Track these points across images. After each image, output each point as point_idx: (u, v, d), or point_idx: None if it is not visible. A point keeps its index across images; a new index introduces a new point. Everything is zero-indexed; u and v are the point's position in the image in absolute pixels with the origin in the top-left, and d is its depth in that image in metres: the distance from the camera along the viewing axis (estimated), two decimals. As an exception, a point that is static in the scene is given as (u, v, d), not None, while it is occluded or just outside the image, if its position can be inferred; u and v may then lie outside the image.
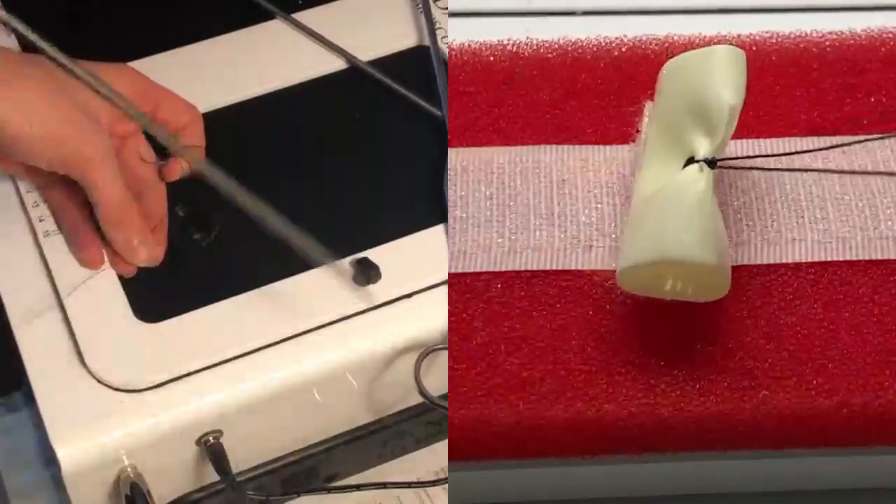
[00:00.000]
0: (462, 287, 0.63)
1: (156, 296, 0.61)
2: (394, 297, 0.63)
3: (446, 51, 0.72)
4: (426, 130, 0.70)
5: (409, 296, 0.63)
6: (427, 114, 0.70)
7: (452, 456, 0.61)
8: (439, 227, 0.65)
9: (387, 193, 0.67)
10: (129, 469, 0.60)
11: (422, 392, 0.61)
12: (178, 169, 0.64)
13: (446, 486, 0.68)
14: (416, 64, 0.72)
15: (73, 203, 0.64)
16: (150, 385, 0.60)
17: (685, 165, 0.60)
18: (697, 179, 0.59)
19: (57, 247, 0.65)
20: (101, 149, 0.60)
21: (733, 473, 0.64)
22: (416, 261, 0.64)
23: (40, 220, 0.66)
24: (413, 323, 0.63)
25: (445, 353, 0.62)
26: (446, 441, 0.65)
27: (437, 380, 0.63)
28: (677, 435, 0.61)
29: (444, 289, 0.64)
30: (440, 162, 0.66)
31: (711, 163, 0.59)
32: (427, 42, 0.73)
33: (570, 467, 0.63)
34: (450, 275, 0.63)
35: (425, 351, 0.61)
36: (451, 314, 0.62)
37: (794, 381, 0.61)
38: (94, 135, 0.60)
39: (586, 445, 0.61)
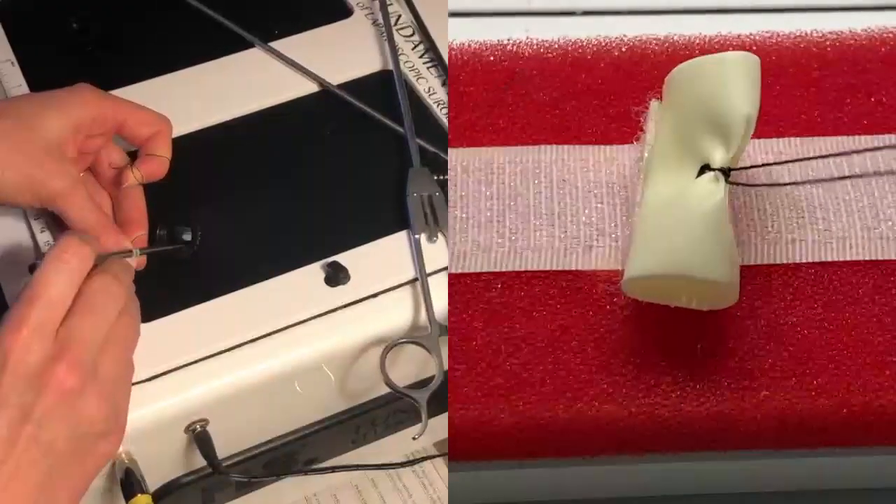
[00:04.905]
0: (462, 287, 0.63)
1: (145, 298, 0.62)
2: (361, 296, 0.66)
3: (408, 73, 0.77)
4: (390, 146, 0.73)
5: (374, 295, 0.66)
6: (391, 131, 0.74)
7: (452, 456, 0.61)
8: (402, 233, 0.68)
9: (354, 203, 0.71)
10: (123, 455, 0.63)
11: (388, 382, 0.64)
12: (129, 177, 0.66)
13: (414, 467, 0.76)
14: (381, 86, 0.77)
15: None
16: (142, 379, 0.62)
17: (699, 174, 0.60)
18: (714, 191, 0.58)
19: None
20: (68, 180, 0.63)
21: (733, 473, 0.64)
22: (381, 264, 0.67)
23: (35, 218, 0.68)
24: (379, 320, 0.66)
25: (409, 347, 0.65)
26: (414, 426, 0.67)
27: (402, 370, 0.66)
28: (677, 435, 0.61)
29: (408, 288, 0.66)
30: (403, 175, 0.71)
31: (726, 172, 0.59)
32: (391, 66, 0.77)
33: (570, 467, 0.63)
34: (450, 275, 0.63)
35: (390, 345, 0.64)
36: (451, 314, 0.63)
37: (794, 382, 0.61)
38: (60, 168, 0.63)
39: (586, 445, 0.61)
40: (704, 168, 0.60)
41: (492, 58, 0.70)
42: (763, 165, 0.62)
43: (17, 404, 0.52)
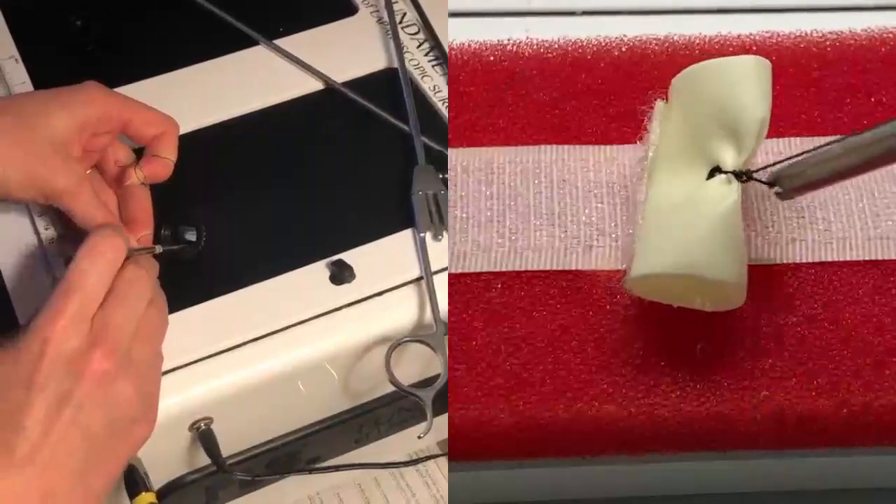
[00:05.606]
0: (462, 287, 0.63)
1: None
2: (366, 295, 0.66)
3: (413, 71, 0.77)
4: (395, 144, 0.74)
5: (380, 294, 0.67)
6: (396, 129, 0.74)
7: (452, 456, 0.61)
8: (407, 232, 0.69)
9: (359, 202, 0.71)
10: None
11: (392, 380, 0.64)
12: (131, 175, 0.67)
13: (417, 466, 0.76)
14: (386, 84, 0.77)
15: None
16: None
17: (709, 176, 0.60)
18: (727, 193, 0.58)
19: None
20: (73, 178, 0.64)
21: (733, 473, 0.64)
22: (386, 262, 0.68)
23: (39, 215, 0.69)
24: (384, 318, 0.66)
25: (414, 346, 0.65)
26: (417, 425, 0.67)
27: (406, 369, 0.66)
28: (677, 435, 0.61)
29: (413, 287, 0.67)
30: (407, 173, 0.71)
31: (739, 175, 0.59)
32: (396, 64, 0.77)
33: (570, 467, 0.63)
34: (450, 275, 0.64)
35: (395, 343, 0.65)
36: (451, 314, 0.63)
37: (794, 382, 0.61)
38: (64, 166, 0.64)
39: (586, 445, 0.61)
40: (715, 170, 0.60)
41: (492, 58, 0.70)
42: (764, 168, 0.61)
43: (55, 390, 0.54)
